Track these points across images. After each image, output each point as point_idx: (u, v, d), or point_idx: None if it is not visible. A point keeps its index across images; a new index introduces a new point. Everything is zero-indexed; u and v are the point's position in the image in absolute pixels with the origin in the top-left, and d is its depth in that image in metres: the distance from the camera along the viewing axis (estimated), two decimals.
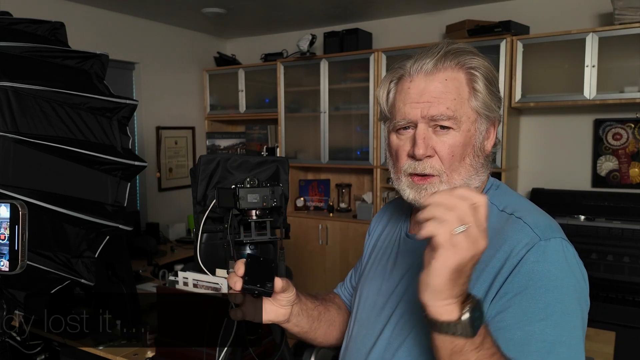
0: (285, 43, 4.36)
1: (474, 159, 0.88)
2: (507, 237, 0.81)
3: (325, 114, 3.83)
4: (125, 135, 1.84)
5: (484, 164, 0.90)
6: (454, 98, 0.85)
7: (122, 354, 1.96)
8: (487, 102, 0.87)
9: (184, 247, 3.92)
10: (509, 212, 0.86)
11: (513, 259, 0.78)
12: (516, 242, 0.80)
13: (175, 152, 4.37)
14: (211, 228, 1.68)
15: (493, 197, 0.90)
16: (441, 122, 0.85)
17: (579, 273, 0.80)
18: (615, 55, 2.90)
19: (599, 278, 2.83)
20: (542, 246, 0.78)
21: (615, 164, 3.20)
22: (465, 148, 0.86)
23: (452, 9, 3.68)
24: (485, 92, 0.87)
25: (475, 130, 0.87)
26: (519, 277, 0.77)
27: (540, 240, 0.79)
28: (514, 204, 0.88)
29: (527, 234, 0.80)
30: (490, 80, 0.88)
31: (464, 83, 0.86)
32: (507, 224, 0.83)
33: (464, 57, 0.87)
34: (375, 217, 1.17)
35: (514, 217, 0.84)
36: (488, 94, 0.87)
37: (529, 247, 0.78)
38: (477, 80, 0.87)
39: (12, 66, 1.56)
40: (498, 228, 0.83)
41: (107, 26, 3.72)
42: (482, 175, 0.90)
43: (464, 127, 0.86)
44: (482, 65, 0.88)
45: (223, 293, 1.72)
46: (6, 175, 1.47)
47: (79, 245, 1.70)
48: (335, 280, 3.85)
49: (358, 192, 4.11)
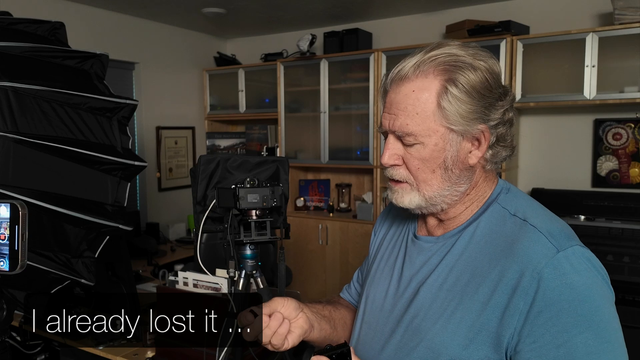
0: (285, 43, 4.36)
1: (447, 172, 0.84)
2: (523, 247, 0.78)
3: (325, 114, 3.83)
4: (125, 135, 1.84)
5: (466, 175, 0.85)
6: (417, 113, 0.81)
7: (122, 354, 1.96)
8: (463, 114, 0.80)
9: (183, 247, 3.92)
10: (521, 217, 0.83)
11: (533, 276, 0.75)
12: (533, 255, 0.77)
13: (175, 152, 4.37)
14: (211, 228, 1.68)
15: (504, 201, 0.87)
16: (402, 137, 0.84)
17: (603, 277, 0.78)
18: (615, 55, 2.90)
19: None
20: (561, 258, 0.75)
21: (615, 164, 3.20)
22: (434, 162, 0.83)
23: (452, 8, 3.68)
24: (460, 104, 0.80)
25: (445, 143, 0.82)
26: (544, 297, 0.74)
27: (558, 251, 0.76)
28: (525, 208, 0.85)
29: (544, 245, 0.77)
30: (478, 88, 0.80)
31: (434, 95, 0.81)
32: (521, 232, 0.80)
33: (444, 65, 0.81)
34: (380, 216, 1.14)
35: (528, 224, 0.81)
36: (471, 104, 0.80)
37: (547, 260, 0.75)
38: (451, 92, 0.80)
39: (12, 66, 1.56)
40: (512, 236, 0.81)
41: (107, 26, 3.72)
42: (461, 186, 0.85)
43: (431, 141, 0.82)
44: (466, 73, 0.80)
45: (223, 293, 1.72)
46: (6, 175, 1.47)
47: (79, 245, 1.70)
48: (336, 280, 3.85)
49: (358, 192, 4.11)
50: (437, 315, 0.83)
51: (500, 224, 0.83)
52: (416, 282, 0.89)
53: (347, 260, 3.77)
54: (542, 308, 0.74)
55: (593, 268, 0.77)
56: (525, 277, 0.75)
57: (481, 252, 0.83)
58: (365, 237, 3.68)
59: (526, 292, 0.75)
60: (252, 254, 1.60)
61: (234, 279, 1.58)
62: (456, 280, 0.83)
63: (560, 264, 0.75)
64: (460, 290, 0.82)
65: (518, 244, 0.79)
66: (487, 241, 0.83)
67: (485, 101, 0.81)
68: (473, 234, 0.85)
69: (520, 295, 0.75)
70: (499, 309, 0.77)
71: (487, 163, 0.87)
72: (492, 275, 0.79)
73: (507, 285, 0.77)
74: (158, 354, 1.92)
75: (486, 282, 0.79)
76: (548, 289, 0.74)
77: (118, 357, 1.95)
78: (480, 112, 0.81)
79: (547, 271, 0.74)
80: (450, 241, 0.87)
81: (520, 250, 0.78)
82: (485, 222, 0.85)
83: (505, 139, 0.86)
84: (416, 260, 0.92)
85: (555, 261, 0.75)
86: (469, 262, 0.83)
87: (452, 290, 0.83)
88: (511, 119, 0.85)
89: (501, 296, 0.77)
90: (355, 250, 3.72)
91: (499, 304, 0.77)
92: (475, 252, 0.83)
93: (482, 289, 0.79)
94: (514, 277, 0.76)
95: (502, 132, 0.85)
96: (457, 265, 0.84)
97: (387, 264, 1.00)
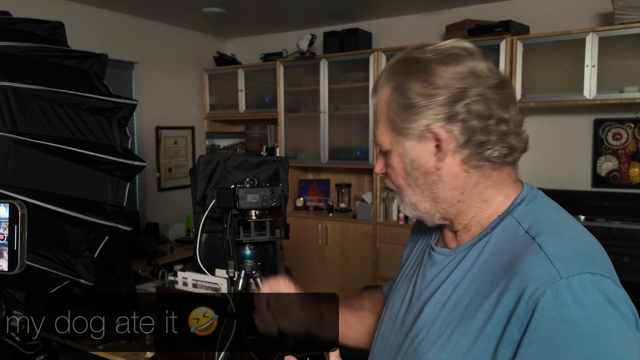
0: (285, 43, 4.35)
1: (411, 178, 0.81)
2: (521, 268, 0.69)
3: (325, 113, 3.83)
4: (124, 135, 1.83)
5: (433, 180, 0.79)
6: (379, 122, 0.82)
7: (122, 353, 1.96)
8: (408, 117, 0.77)
9: (183, 247, 3.91)
10: (532, 234, 0.72)
11: (528, 303, 0.66)
12: (532, 279, 0.67)
13: (174, 152, 4.37)
14: (211, 228, 1.68)
15: (521, 214, 0.76)
16: (378, 146, 0.85)
17: (621, 314, 0.65)
18: (615, 55, 2.90)
19: None
20: (562, 286, 0.65)
21: (615, 164, 3.20)
22: (400, 168, 0.82)
23: (452, 8, 3.68)
24: (403, 109, 0.78)
25: (404, 149, 0.80)
26: (537, 329, 0.65)
27: (560, 278, 0.65)
28: (541, 223, 0.73)
29: (545, 268, 0.66)
30: (419, 91, 0.76)
31: (385, 104, 0.81)
32: (527, 251, 0.70)
33: (394, 73, 0.80)
34: (415, 224, 1.07)
35: (535, 243, 0.70)
36: (414, 106, 0.76)
37: (546, 288, 0.65)
38: (394, 99, 0.79)
39: (12, 66, 1.56)
40: (517, 254, 0.71)
41: (107, 26, 3.71)
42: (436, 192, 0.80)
43: (394, 148, 0.81)
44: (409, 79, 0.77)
45: (223, 293, 1.72)
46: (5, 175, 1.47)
47: (79, 245, 1.70)
48: (335, 280, 3.85)
49: (358, 192, 4.11)
50: (435, 337, 0.77)
51: (510, 241, 0.74)
52: (424, 297, 0.84)
53: (346, 261, 3.77)
54: (533, 340, 0.65)
55: (607, 302, 0.65)
56: (521, 304, 0.67)
57: (485, 272, 0.75)
58: (365, 237, 3.68)
59: (521, 321, 0.67)
60: (252, 254, 1.59)
61: (233, 279, 1.58)
62: (458, 300, 0.76)
63: (560, 293, 0.64)
64: (460, 312, 0.75)
65: (519, 265, 0.69)
66: (492, 260, 0.75)
67: (431, 101, 0.75)
68: (482, 251, 0.77)
69: (515, 323, 0.67)
70: (494, 338, 0.69)
71: (468, 166, 0.77)
72: (491, 299, 0.71)
73: (504, 311, 0.69)
74: (157, 355, 1.92)
75: (484, 307, 0.72)
76: (542, 320, 0.65)
77: (117, 357, 1.95)
78: (427, 114, 0.75)
79: (543, 300, 0.65)
80: (460, 256, 0.80)
81: (520, 273, 0.69)
82: (495, 238, 0.76)
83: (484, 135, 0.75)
84: (427, 273, 0.86)
85: (555, 289, 0.65)
86: (473, 282, 0.76)
87: (453, 312, 0.76)
88: (482, 111, 0.74)
89: (497, 323, 0.69)
90: (355, 250, 3.72)
91: (495, 333, 0.69)
92: (480, 271, 0.76)
93: (480, 314, 0.72)
94: (511, 303, 0.68)
95: (475, 128, 0.74)
96: (461, 284, 0.77)
97: (407, 274, 0.96)
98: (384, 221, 3.63)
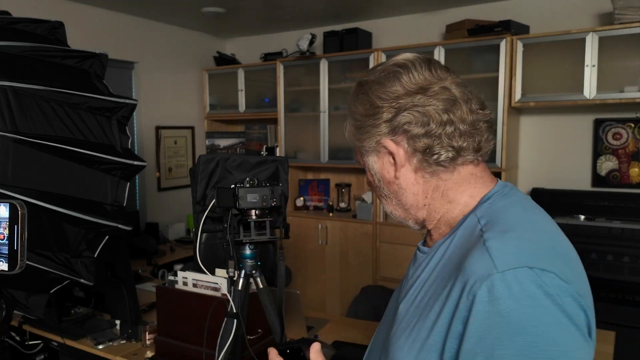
0: (284, 42, 4.36)
1: (378, 189, 0.89)
2: (466, 264, 0.70)
3: (325, 113, 3.83)
4: (124, 135, 1.83)
5: (395, 189, 0.85)
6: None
7: (122, 353, 1.96)
8: (359, 136, 0.87)
9: (183, 247, 3.92)
10: (484, 230, 0.74)
11: (468, 297, 0.68)
12: (471, 273, 0.68)
13: (174, 152, 4.37)
14: (211, 228, 1.68)
15: (482, 210, 0.79)
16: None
17: (560, 307, 0.65)
18: (615, 54, 2.90)
19: (598, 278, 2.83)
20: (496, 280, 0.65)
21: (615, 163, 3.20)
22: (373, 183, 0.90)
23: (452, 8, 3.68)
24: (353, 128, 0.88)
25: (367, 165, 0.89)
26: (474, 322, 0.66)
27: (496, 272, 0.66)
28: (495, 220, 0.75)
29: (484, 263, 0.68)
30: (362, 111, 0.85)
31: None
32: (474, 247, 0.72)
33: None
34: None
35: (482, 238, 0.72)
36: (360, 125, 0.86)
37: (482, 282, 0.66)
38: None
39: (11, 66, 1.56)
40: (468, 251, 0.73)
41: (107, 25, 3.71)
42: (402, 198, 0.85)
43: (365, 165, 0.90)
44: (354, 102, 0.87)
45: (223, 293, 1.72)
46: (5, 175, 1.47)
47: (79, 245, 1.69)
48: (335, 280, 3.85)
49: (358, 191, 4.11)
50: (402, 331, 0.80)
51: (468, 239, 0.76)
52: (403, 294, 0.88)
53: (346, 260, 3.77)
54: (472, 334, 0.66)
55: (544, 296, 0.64)
56: (462, 298, 0.68)
57: (445, 268, 0.78)
58: (364, 237, 3.68)
59: (463, 315, 0.68)
60: (252, 254, 1.59)
61: (233, 278, 1.58)
62: (423, 296, 0.79)
63: (495, 287, 0.65)
64: (422, 307, 0.78)
65: (465, 261, 0.71)
66: (452, 257, 0.77)
67: (374, 120, 0.83)
68: (447, 249, 0.80)
69: (458, 317, 0.69)
70: (443, 331, 0.71)
71: (423, 172, 0.82)
72: (443, 294, 0.73)
73: (451, 305, 0.70)
74: (157, 354, 1.92)
75: (438, 302, 0.74)
76: (479, 314, 0.66)
77: (117, 357, 1.95)
78: (373, 131, 0.84)
79: (480, 293, 0.66)
80: (431, 254, 0.84)
81: (464, 269, 0.70)
82: (458, 236, 0.79)
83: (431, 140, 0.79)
84: (410, 271, 0.91)
85: (490, 282, 0.65)
86: (435, 279, 0.79)
87: (418, 307, 0.79)
88: (420, 119, 0.79)
89: (446, 318, 0.71)
90: (354, 250, 3.72)
91: (443, 327, 0.71)
92: (442, 268, 0.79)
93: (435, 308, 0.74)
94: (456, 298, 0.70)
95: (418, 133, 0.79)
96: (428, 280, 0.81)
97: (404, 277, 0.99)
98: (384, 221, 3.63)
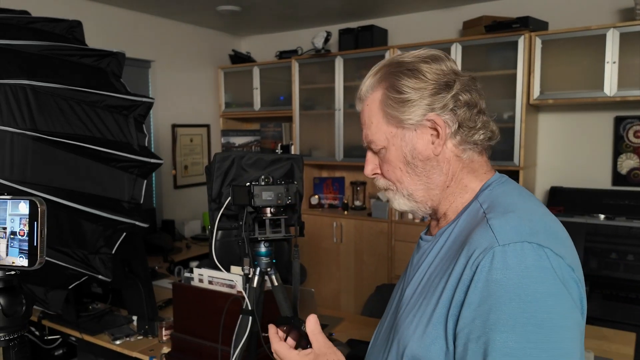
0: (300, 40, 4.35)
1: (410, 167, 0.89)
2: (470, 240, 0.77)
3: (340, 111, 3.82)
4: (141, 133, 1.85)
5: (432, 165, 0.88)
6: (372, 122, 0.91)
7: (138, 349, 1.98)
8: (405, 111, 0.86)
9: (199, 244, 3.95)
10: (486, 212, 0.81)
11: (471, 268, 0.74)
12: (475, 247, 0.75)
13: (190, 150, 4.40)
14: (226, 225, 1.69)
15: (484, 196, 0.85)
16: (371, 146, 0.94)
17: (551, 280, 0.71)
18: (636, 51, 2.83)
19: (618, 278, 2.77)
20: (498, 252, 0.72)
21: (636, 162, 3.14)
22: (398, 160, 0.90)
23: (469, 4, 3.64)
24: (399, 104, 0.87)
25: (401, 141, 0.88)
26: (475, 290, 0.72)
27: (497, 245, 0.72)
28: (497, 204, 0.82)
29: (487, 238, 0.74)
30: (413, 86, 0.86)
31: (379, 103, 0.89)
32: (478, 226, 0.78)
33: (384, 75, 0.89)
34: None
35: (485, 219, 0.79)
36: (409, 100, 0.86)
37: (485, 254, 0.73)
38: (390, 96, 0.88)
39: (31, 64, 1.58)
40: (470, 230, 0.80)
41: (124, 24, 3.75)
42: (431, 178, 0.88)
43: (391, 142, 0.89)
44: (401, 76, 0.87)
45: (238, 290, 1.73)
46: (25, 172, 1.49)
47: (96, 242, 1.72)
48: (350, 279, 3.85)
49: (373, 190, 4.09)
50: (408, 312, 0.85)
51: (472, 222, 0.82)
52: (408, 280, 0.93)
53: (361, 259, 3.76)
54: (472, 301, 0.72)
55: (540, 268, 0.71)
56: (466, 269, 0.75)
57: (450, 250, 0.83)
58: (379, 236, 3.66)
59: (466, 284, 0.74)
60: (267, 252, 1.60)
61: (248, 276, 1.59)
62: (429, 277, 0.85)
63: (496, 257, 0.72)
64: (428, 287, 0.84)
65: (469, 238, 0.78)
66: (456, 239, 0.83)
67: (424, 93, 0.85)
68: (451, 233, 0.86)
69: (461, 287, 0.75)
70: (447, 302, 0.77)
71: (459, 151, 0.87)
72: (448, 271, 0.79)
73: (455, 277, 0.76)
74: (173, 350, 1.93)
75: (443, 278, 0.80)
76: (479, 282, 0.72)
77: (134, 352, 1.97)
78: (422, 105, 0.85)
79: (482, 264, 0.72)
80: (436, 240, 0.89)
81: (468, 244, 0.77)
82: (462, 220, 0.85)
83: (472, 122, 0.86)
84: (414, 260, 0.95)
85: (492, 254, 0.72)
86: (440, 261, 0.84)
87: (424, 287, 0.85)
88: (468, 100, 0.85)
89: (450, 289, 0.77)
90: (369, 248, 3.71)
91: (447, 298, 0.77)
92: (447, 251, 0.84)
93: (440, 285, 0.80)
94: (459, 271, 0.76)
95: (464, 115, 0.85)
96: (433, 263, 0.86)
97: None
98: (399, 219, 3.61)
